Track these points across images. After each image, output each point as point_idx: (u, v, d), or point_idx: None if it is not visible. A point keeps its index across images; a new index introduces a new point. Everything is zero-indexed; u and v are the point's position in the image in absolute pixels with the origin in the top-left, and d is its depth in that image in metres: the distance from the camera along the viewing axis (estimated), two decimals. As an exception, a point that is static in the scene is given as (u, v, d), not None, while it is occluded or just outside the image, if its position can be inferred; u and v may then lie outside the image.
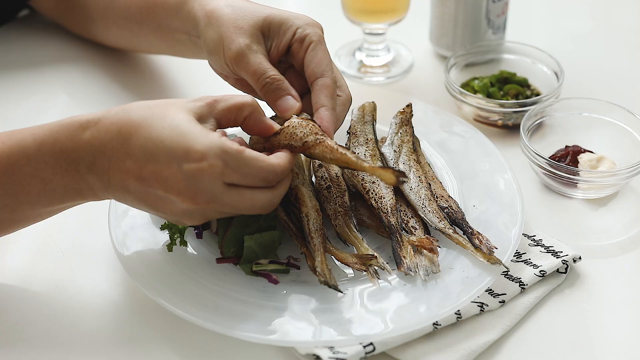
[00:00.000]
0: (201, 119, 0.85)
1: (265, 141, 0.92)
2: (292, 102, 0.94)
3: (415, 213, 0.98)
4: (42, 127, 0.86)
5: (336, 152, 0.89)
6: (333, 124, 0.93)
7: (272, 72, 0.95)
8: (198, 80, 1.28)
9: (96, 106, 1.24)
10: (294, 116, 0.93)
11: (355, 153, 0.92)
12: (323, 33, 0.98)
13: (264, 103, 0.97)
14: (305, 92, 0.98)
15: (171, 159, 0.82)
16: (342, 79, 0.99)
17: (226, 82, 1.04)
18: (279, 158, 0.87)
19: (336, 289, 0.88)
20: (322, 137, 0.90)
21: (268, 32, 0.98)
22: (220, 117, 0.87)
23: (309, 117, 0.93)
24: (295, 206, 0.94)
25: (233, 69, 0.98)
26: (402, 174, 0.86)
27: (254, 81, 0.95)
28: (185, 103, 0.86)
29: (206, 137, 0.82)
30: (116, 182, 0.84)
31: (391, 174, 0.86)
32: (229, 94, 0.89)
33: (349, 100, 0.98)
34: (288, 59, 1.00)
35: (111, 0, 1.19)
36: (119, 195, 0.85)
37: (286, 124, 0.91)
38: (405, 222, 0.97)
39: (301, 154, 0.92)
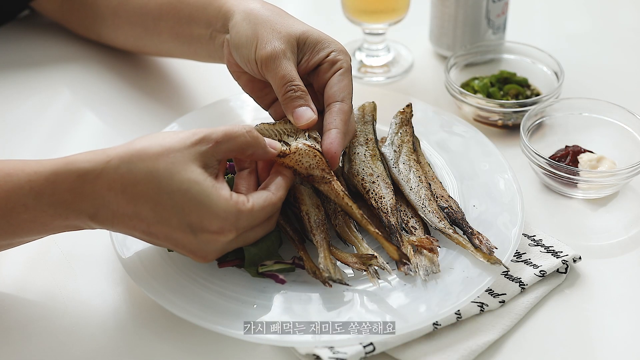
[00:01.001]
0: (206, 165, 0.84)
1: (273, 134, 0.95)
2: (310, 113, 0.94)
3: (415, 213, 0.98)
4: (37, 171, 0.83)
5: (341, 200, 0.92)
6: (341, 148, 0.94)
7: (300, 82, 0.95)
8: (203, 81, 1.27)
9: (99, 105, 1.24)
10: (301, 141, 0.93)
11: (359, 209, 0.92)
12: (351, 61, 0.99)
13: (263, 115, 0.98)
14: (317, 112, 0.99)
15: (184, 226, 0.83)
16: (353, 115, 1.00)
17: (228, 83, 1.04)
18: (279, 190, 0.89)
19: (341, 282, 0.89)
20: (329, 176, 0.92)
21: (303, 45, 0.98)
22: (223, 157, 0.87)
23: (316, 147, 0.93)
24: (295, 206, 0.94)
25: (260, 69, 0.97)
26: (406, 257, 0.90)
27: (280, 85, 0.95)
28: (188, 150, 0.83)
29: (219, 204, 0.83)
30: (121, 229, 0.85)
31: (396, 252, 0.90)
32: (227, 126, 0.87)
33: (353, 133, 0.99)
34: (309, 78, 1.00)
35: None
36: (124, 234, 0.87)
37: (293, 148, 0.92)
38: (405, 222, 0.97)
39: None
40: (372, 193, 0.98)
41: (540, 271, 0.94)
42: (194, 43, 1.11)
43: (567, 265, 0.96)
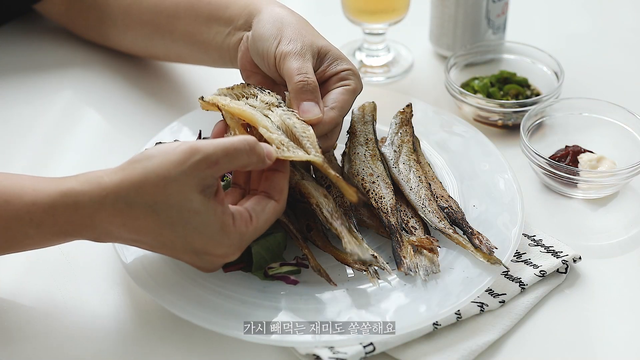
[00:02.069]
0: (205, 187, 0.82)
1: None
2: (318, 110, 0.92)
3: (415, 213, 0.98)
4: (35, 202, 0.82)
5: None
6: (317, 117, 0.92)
7: (315, 79, 0.94)
8: (203, 81, 1.27)
9: (99, 105, 1.23)
10: (279, 112, 0.92)
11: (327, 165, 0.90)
12: (361, 91, 0.99)
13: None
14: None
15: (189, 250, 0.84)
16: (339, 130, 0.97)
17: (227, 83, 1.04)
18: (282, 192, 0.88)
19: (372, 262, 0.89)
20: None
21: (324, 57, 0.98)
22: (222, 174, 0.85)
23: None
24: (304, 201, 0.94)
25: (277, 63, 0.96)
26: (365, 195, 0.88)
27: (294, 74, 0.93)
28: (186, 177, 0.81)
29: (223, 233, 0.83)
30: (124, 244, 0.86)
31: (354, 192, 0.87)
32: (225, 141, 0.83)
33: (329, 146, 0.97)
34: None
35: None
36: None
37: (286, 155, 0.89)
38: (405, 222, 0.97)
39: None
40: (372, 193, 0.98)
41: (540, 271, 0.94)
42: (205, 44, 1.10)
43: (567, 265, 0.96)
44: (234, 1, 1.06)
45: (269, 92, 0.96)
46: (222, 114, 0.95)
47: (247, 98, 0.97)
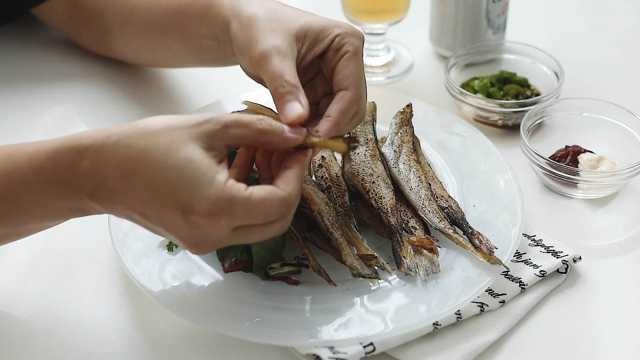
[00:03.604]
0: (209, 147, 0.80)
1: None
2: (298, 108, 0.87)
3: (415, 213, 0.98)
4: (38, 149, 0.82)
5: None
6: (328, 132, 0.89)
7: (289, 77, 0.89)
8: (200, 82, 1.27)
9: (94, 109, 1.22)
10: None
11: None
12: (363, 43, 0.95)
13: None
14: (328, 94, 0.96)
15: (175, 206, 0.79)
16: (364, 97, 0.94)
17: (226, 85, 1.03)
18: (288, 184, 0.83)
19: (372, 277, 0.89)
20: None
21: (304, 37, 0.94)
22: (232, 142, 0.82)
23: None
24: (305, 207, 0.94)
25: (257, 71, 0.93)
26: (353, 139, 0.85)
27: (270, 82, 0.90)
28: (191, 129, 0.80)
29: (212, 186, 0.78)
30: (119, 211, 0.82)
31: (342, 142, 0.84)
32: (237, 113, 0.83)
33: (361, 119, 0.94)
34: (320, 63, 0.96)
35: (131, 11, 1.15)
36: (124, 219, 0.84)
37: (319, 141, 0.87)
38: (405, 222, 0.97)
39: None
40: (372, 193, 0.98)
41: (540, 271, 0.94)
42: (207, 53, 1.08)
43: (567, 265, 0.96)
44: (204, 16, 1.03)
45: None
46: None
47: None
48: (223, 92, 1.11)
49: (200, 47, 1.08)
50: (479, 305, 0.90)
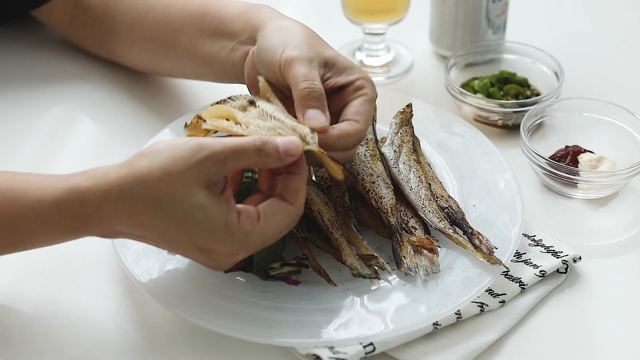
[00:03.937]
0: (210, 185, 0.82)
1: None
2: (324, 118, 0.88)
3: (415, 213, 0.98)
4: (40, 199, 0.82)
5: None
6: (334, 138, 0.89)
7: (321, 86, 0.91)
8: (210, 91, 1.25)
9: (97, 117, 1.21)
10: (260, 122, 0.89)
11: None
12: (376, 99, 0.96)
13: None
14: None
15: (193, 248, 0.83)
16: (362, 140, 0.94)
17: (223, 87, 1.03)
18: (296, 195, 0.84)
19: (372, 277, 0.89)
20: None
21: (332, 67, 0.95)
22: (230, 173, 0.84)
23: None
24: (305, 207, 0.94)
25: (281, 70, 0.93)
26: (353, 175, 0.86)
27: (300, 80, 0.90)
28: (190, 172, 0.80)
29: (227, 230, 0.81)
30: (131, 239, 0.86)
31: (341, 168, 0.84)
32: (234, 141, 0.82)
33: (348, 158, 0.94)
34: (333, 96, 0.95)
35: (147, 11, 1.15)
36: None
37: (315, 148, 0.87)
38: (405, 222, 0.97)
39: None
40: (372, 193, 0.98)
41: (540, 271, 0.94)
42: (210, 59, 1.08)
43: (567, 265, 0.96)
44: (238, 15, 1.04)
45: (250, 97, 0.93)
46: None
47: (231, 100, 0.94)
48: (223, 91, 1.11)
49: (212, 49, 1.07)
50: (479, 305, 0.90)
